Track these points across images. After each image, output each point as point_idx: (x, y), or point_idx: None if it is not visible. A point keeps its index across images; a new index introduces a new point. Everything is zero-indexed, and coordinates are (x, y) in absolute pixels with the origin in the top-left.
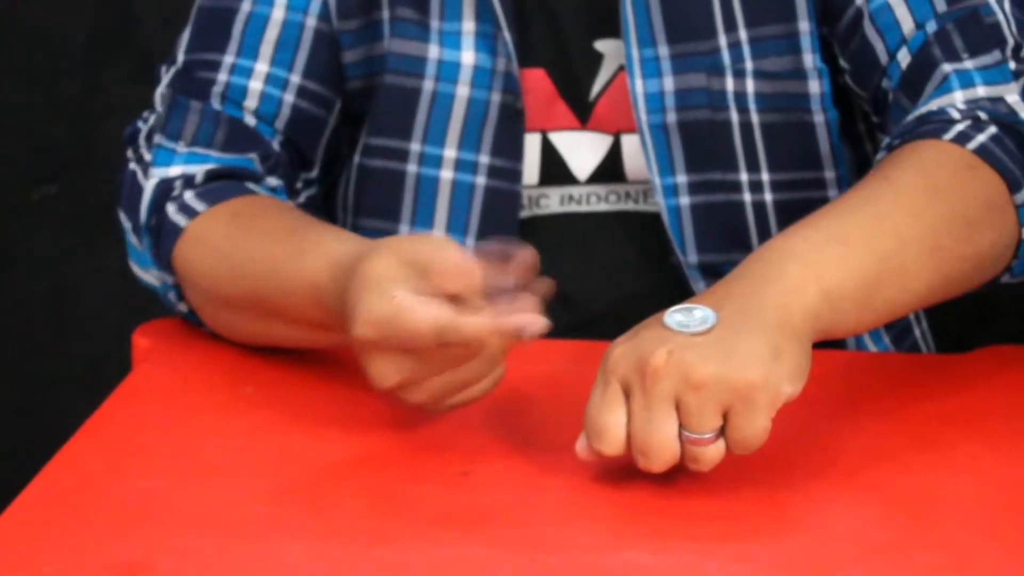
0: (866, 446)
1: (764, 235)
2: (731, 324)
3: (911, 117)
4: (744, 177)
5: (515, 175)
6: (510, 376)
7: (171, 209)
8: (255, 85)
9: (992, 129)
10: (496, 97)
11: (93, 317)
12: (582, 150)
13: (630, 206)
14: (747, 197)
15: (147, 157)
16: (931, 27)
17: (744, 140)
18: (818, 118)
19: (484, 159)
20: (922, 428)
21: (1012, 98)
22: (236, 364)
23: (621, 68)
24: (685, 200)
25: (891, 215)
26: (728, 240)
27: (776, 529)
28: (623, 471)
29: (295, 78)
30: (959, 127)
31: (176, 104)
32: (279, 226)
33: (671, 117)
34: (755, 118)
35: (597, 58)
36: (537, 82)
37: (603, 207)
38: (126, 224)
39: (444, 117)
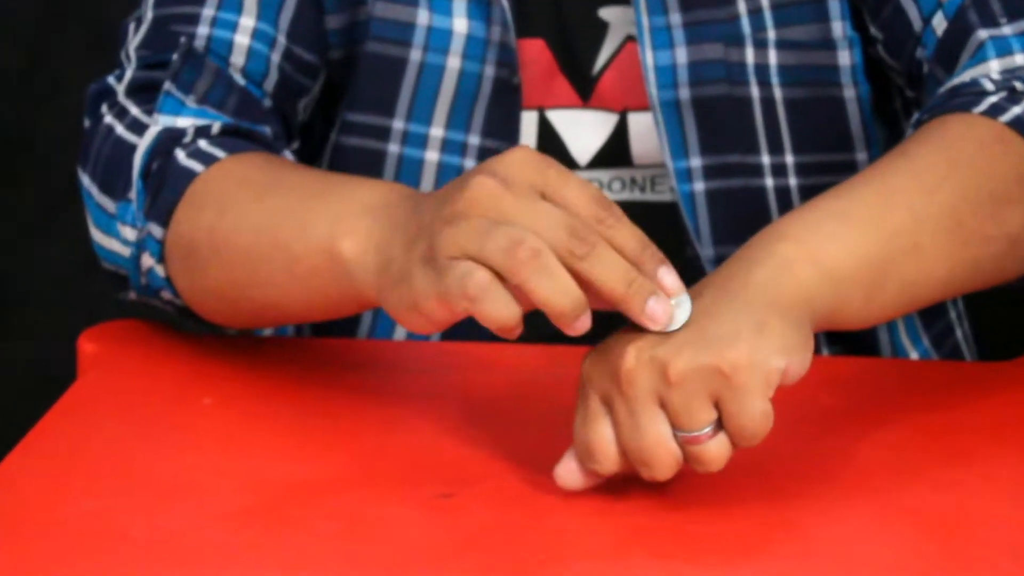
0: (895, 462)
1: None
2: (706, 309)
3: (943, 90)
4: (766, 160)
5: None
6: (497, 388)
7: (181, 155)
8: (241, 40)
9: None
10: (490, 70)
11: (34, 318)
12: (583, 130)
13: (637, 195)
14: (769, 182)
15: (134, 111)
16: None
17: (766, 118)
18: (848, 93)
19: (474, 140)
20: (958, 443)
21: None
22: (193, 372)
23: (628, 39)
24: (700, 186)
25: (904, 190)
26: (748, 230)
27: (792, 553)
28: (619, 489)
29: (282, 38)
30: (992, 99)
31: (191, 55)
32: (317, 175)
33: (684, 93)
34: (778, 93)
35: (602, 27)
36: (535, 54)
37: (606, 195)
38: (91, 187)
39: (432, 92)
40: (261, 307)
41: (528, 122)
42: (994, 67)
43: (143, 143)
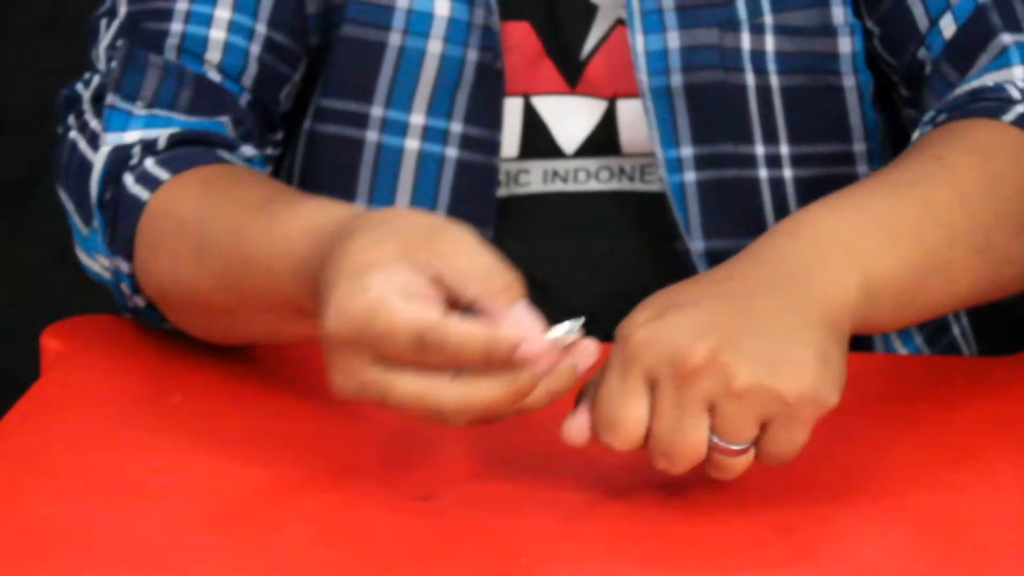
0: (894, 462)
1: (782, 217)
2: (767, 311)
3: (962, 90)
4: (760, 150)
5: (492, 146)
6: None
7: (129, 180)
8: (217, 35)
9: None
10: (473, 55)
11: None
12: (570, 117)
13: (626, 184)
14: (763, 173)
15: (93, 124)
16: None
17: (761, 106)
18: (848, 82)
19: (456, 127)
20: (959, 442)
21: None
22: (162, 370)
23: (618, 22)
24: (691, 176)
25: (946, 204)
26: (740, 223)
27: (790, 559)
28: (605, 489)
29: (261, 27)
30: (1020, 108)
31: (132, 58)
32: (256, 195)
33: (676, 79)
34: (775, 81)
35: (590, 10)
36: (521, 37)
37: (594, 185)
38: (68, 204)
39: (412, 77)
40: (250, 341)
41: (513, 109)
42: (1018, 74)
43: (96, 168)
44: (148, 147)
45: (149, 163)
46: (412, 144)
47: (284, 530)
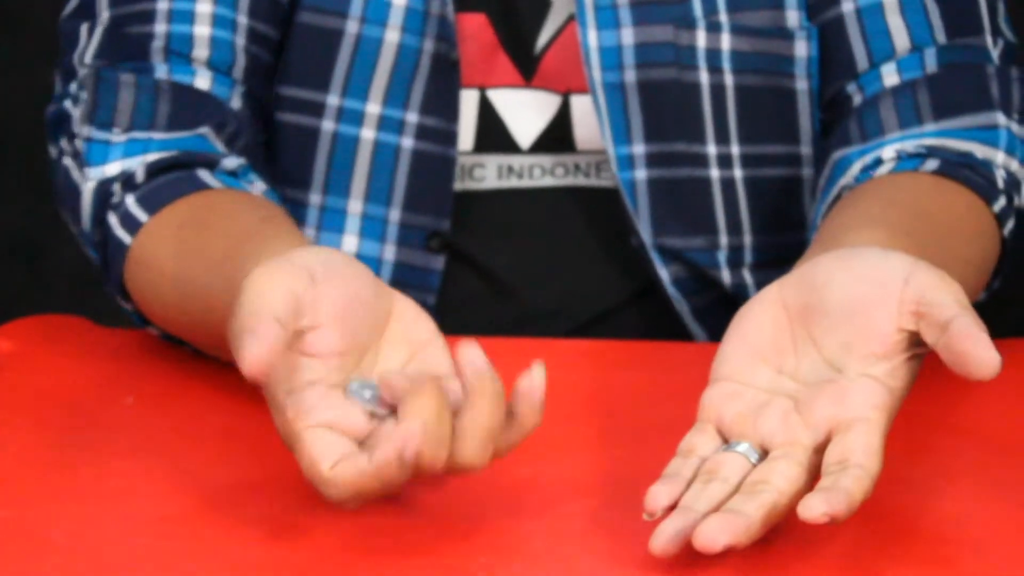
0: None
1: (732, 217)
2: None
3: (951, 144)
4: (712, 149)
5: (449, 137)
6: None
7: (113, 221)
8: (201, 31)
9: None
10: (429, 44)
11: None
12: (525, 112)
13: (581, 180)
14: (715, 173)
15: (82, 150)
16: (929, 60)
17: (714, 105)
18: (801, 85)
19: (412, 117)
20: (918, 436)
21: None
22: (115, 371)
23: (572, 17)
24: (642, 174)
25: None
26: (690, 223)
27: (750, 555)
28: (574, 490)
29: (242, 19)
30: (1002, 201)
31: (102, 81)
32: (224, 243)
33: (629, 75)
34: (729, 80)
35: (545, 3)
36: (476, 29)
37: (549, 181)
38: (75, 230)
39: (369, 66)
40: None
41: (468, 101)
42: (1000, 159)
43: (84, 207)
44: (127, 182)
45: (129, 201)
46: (368, 134)
47: (241, 531)
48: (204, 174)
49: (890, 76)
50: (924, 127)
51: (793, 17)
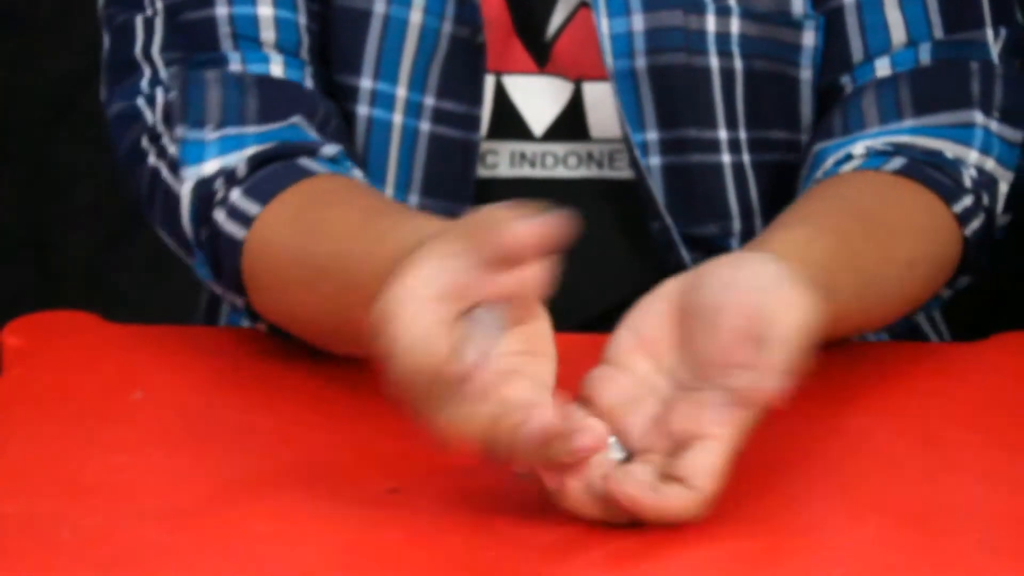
0: (861, 451)
1: (744, 203)
2: None
3: (920, 141)
4: (723, 135)
5: (472, 122)
6: None
7: (221, 217)
8: (265, 11)
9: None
10: (447, 27)
11: None
12: (539, 98)
13: (595, 171)
14: (726, 158)
15: (171, 150)
16: (924, 55)
17: (724, 90)
18: (805, 74)
19: (429, 100)
20: (927, 429)
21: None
22: (123, 365)
23: (581, 4)
24: (656, 160)
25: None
26: (703, 209)
27: (758, 547)
28: None
29: None
30: (967, 200)
31: (189, 81)
32: (352, 218)
33: (640, 62)
34: (738, 64)
35: None
36: (494, 13)
37: (562, 172)
38: (166, 238)
39: (396, 48)
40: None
41: (486, 87)
42: (973, 158)
43: (184, 207)
44: (230, 177)
45: (235, 195)
46: (397, 118)
47: (250, 525)
48: (307, 162)
49: (883, 69)
50: (903, 123)
51: (798, 4)
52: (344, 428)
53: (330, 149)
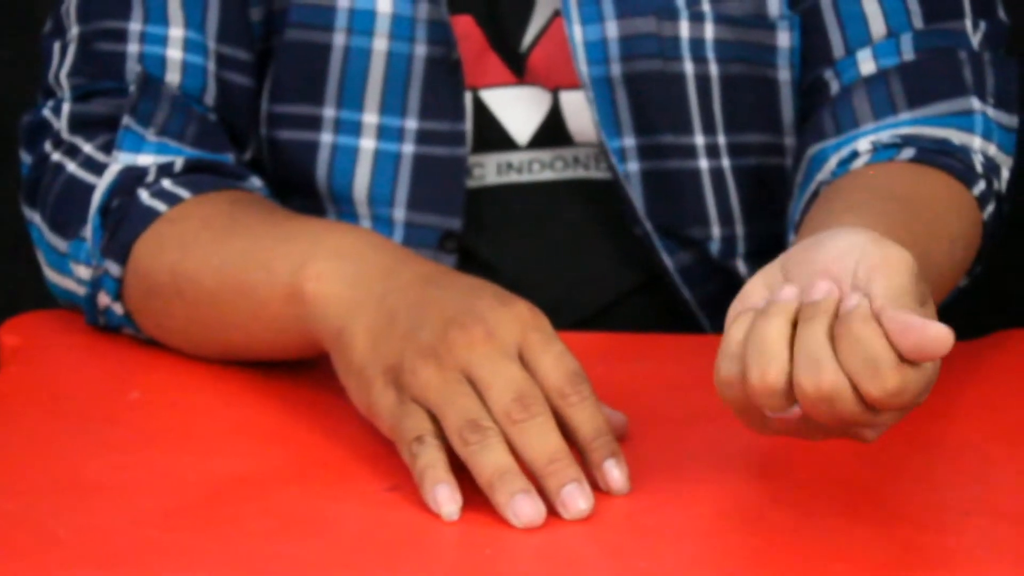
0: (858, 450)
1: (723, 207)
2: None
3: (926, 131)
4: (700, 140)
5: (457, 138)
6: None
7: (144, 195)
8: (174, 54)
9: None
10: (421, 50)
11: None
12: (519, 109)
13: (580, 173)
14: (703, 163)
15: (87, 149)
16: (905, 46)
17: (700, 95)
18: (783, 75)
19: (412, 123)
20: (924, 428)
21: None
22: (120, 365)
23: (556, 13)
24: (634, 166)
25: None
26: (683, 214)
27: (753, 546)
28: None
29: (211, 44)
30: (982, 185)
31: (147, 87)
32: (282, 216)
33: (616, 68)
34: (713, 70)
35: (529, 2)
36: (466, 30)
37: (549, 175)
38: (41, 224)
39: (360, 76)
40: (227, 347)
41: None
42: (977, 144)
43: (103, 182)
44: (164, 169)
45: (166, 183)
46: (368, 144)
47: (247, 524)
48: (236, 183)
49: (866, 62)
50: (899, 116)
51: (775, 5)
52: (340, 427)
53: (257, 182)
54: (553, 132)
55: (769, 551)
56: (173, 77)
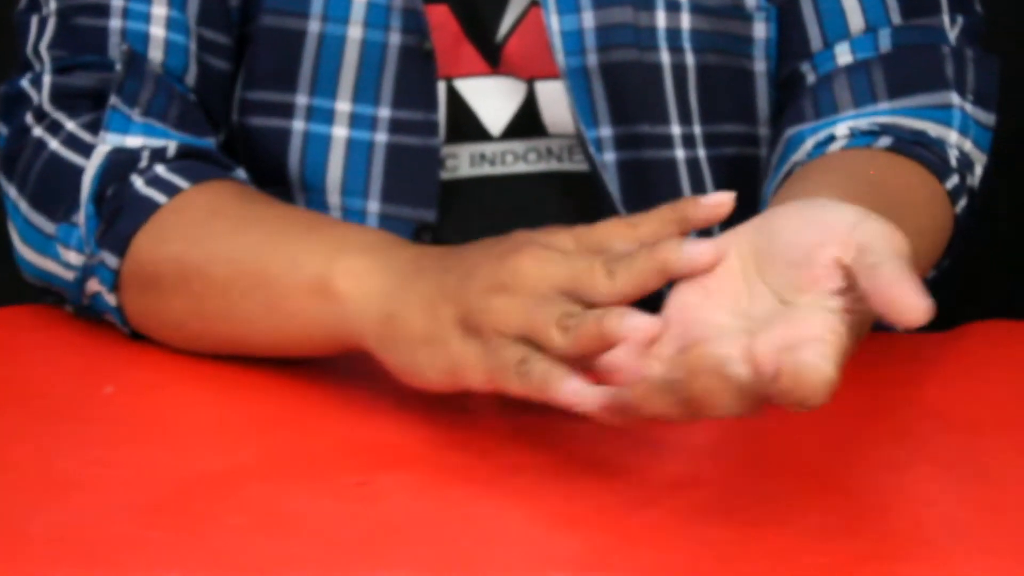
0: (830, 440)
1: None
2: None
3: (904, 122)
4: (676, 130)
5: (430, 128)
6: None
7: (139, 182)
8: (157, 32)
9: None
10: (395, 38)
11: None
12: (494, 99)
13: (554, 165)
14: (680, 153)
15: (69, 126)
16: (883, 40)
17: (676, 86)
18: (759, 66)
19: (385, 112)
20: (896, 419)
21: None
22: (94, 360)
23: (532, 3)
24: (611, 156)
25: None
26: (659, 203)
27: (727, 538)
28: (545, 474)
29: (192, 25)
30: (955, 179)
31: (133, 65)
32: (298, 212)
33: (592, 59)
34: (690, 59)
35: None
36: (440, 20)
37: (522, 167)
38: (18, 199)
39: (334, 64)
40: (225, 340)
41: (438, 92)
42: (954, 139)
43: (92, 164)
44: (157, 154)
45: (160, 169)
46: (340, 132)
47: (220, 520)
48: (230, 172)
49: (843, 56)
50: (878, 105)
51: None
52: (317, 421)
53: (242, 174)
54: (527, 122)
55: (744, 543)
56: (156, 55)
